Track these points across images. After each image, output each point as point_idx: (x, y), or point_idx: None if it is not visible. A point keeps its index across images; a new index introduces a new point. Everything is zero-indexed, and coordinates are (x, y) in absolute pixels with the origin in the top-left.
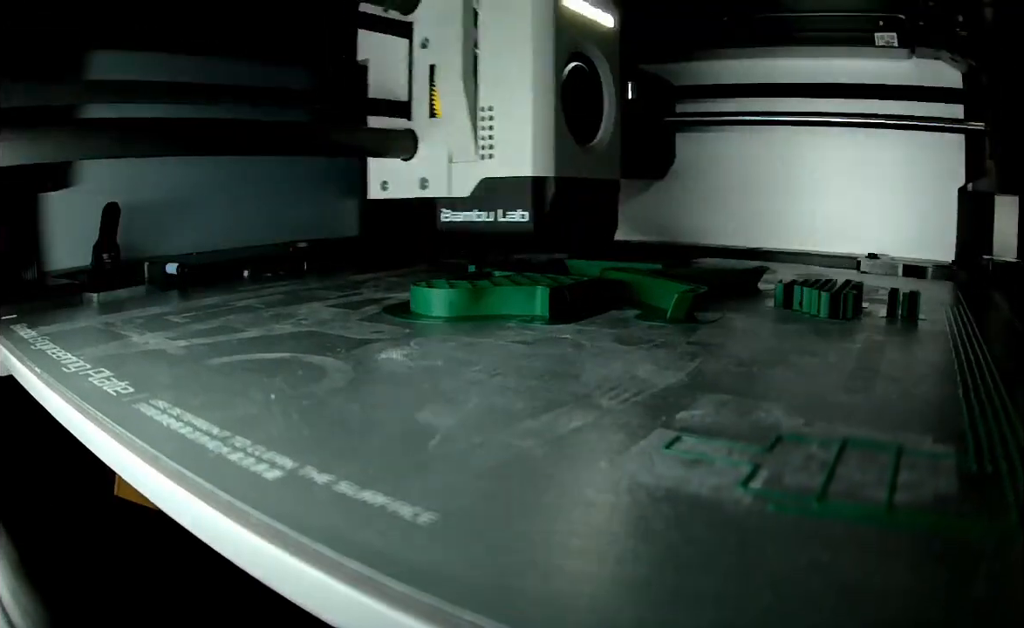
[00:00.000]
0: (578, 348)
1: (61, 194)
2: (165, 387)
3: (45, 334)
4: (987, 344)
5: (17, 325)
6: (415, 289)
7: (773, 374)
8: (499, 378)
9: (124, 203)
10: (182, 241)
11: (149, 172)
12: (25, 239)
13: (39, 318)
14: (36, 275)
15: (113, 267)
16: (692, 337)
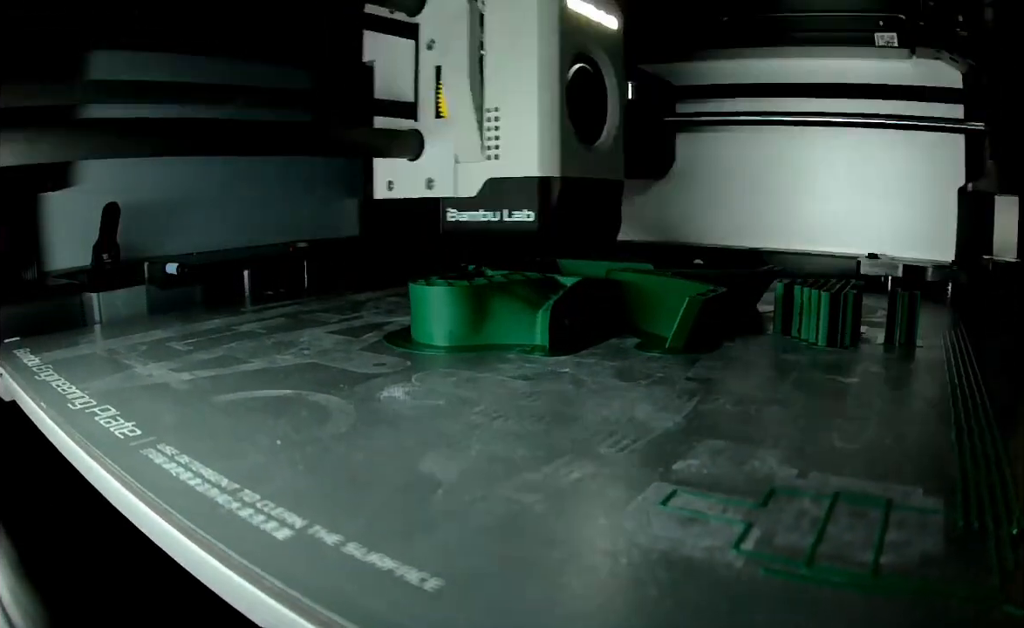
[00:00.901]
0: (578, 385)
1: (61, 194)
2: (171, 429)
3: (48, 361)
4: (984, 376)
5: (20, 349)
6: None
7: (769, 415)
8: (500, 421)
9: (124, 203)
10: (182, 241)
11: (149, 172)
12: (25, 239)
13: (42, 342)
14: (36, 275)
15: (113, 267)
16: (690, 371)
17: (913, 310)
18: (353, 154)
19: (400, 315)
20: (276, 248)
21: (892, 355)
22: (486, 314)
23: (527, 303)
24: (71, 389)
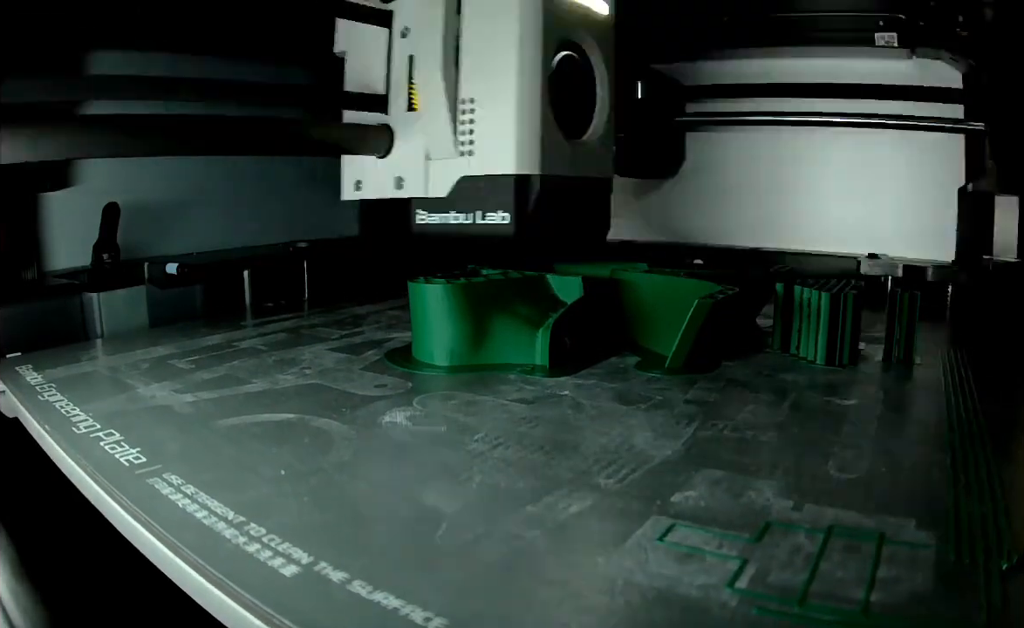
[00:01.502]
0: (577, 409)
1: (61, 194)
2: (176, 457)
3: (51, 380)
4: (981, 396)
5: (22, 366)
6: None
7: (767, 441)
8: (501, 449)
9: (124, 203)
10: (182, 241)
11: (149, 172)
12: (25, 239)
13: (44, 358)
14: (36, 275)
15: (113, 267)
16: (689, 393)
17: (912, 324)
18: (319, 152)
19: (400, 330)
20: (276, 248)
21: (890, 374)
22: (486, 332)
23: (527, 321)
24: (75, 411)
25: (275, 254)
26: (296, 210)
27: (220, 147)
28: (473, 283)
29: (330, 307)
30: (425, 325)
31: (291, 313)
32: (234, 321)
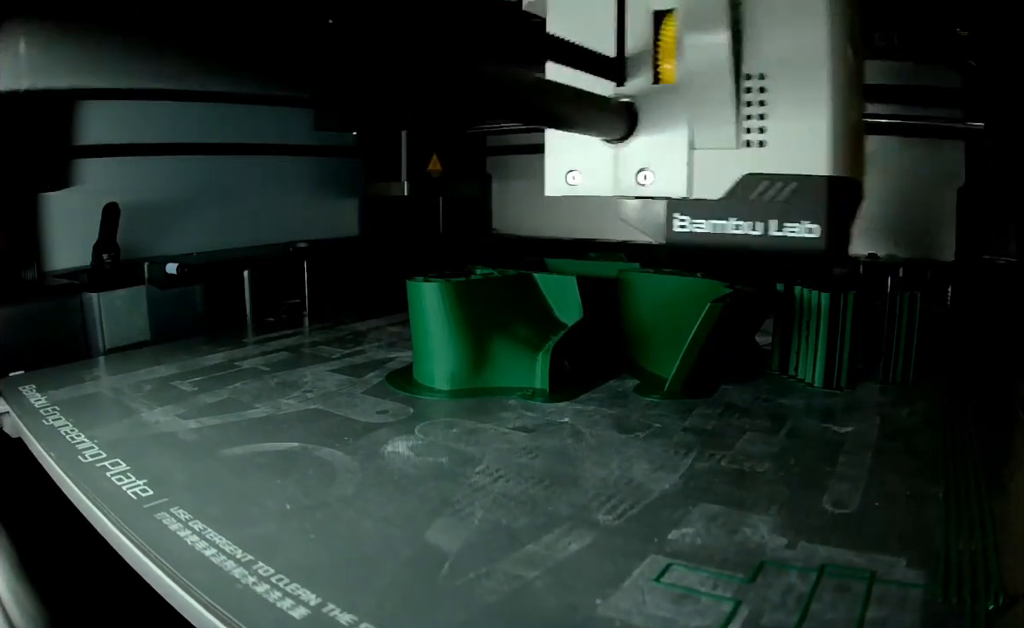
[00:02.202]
0: (577, 438)
1: (61, 194)
2: (183, 489)
3: (55, 402)
4: (977, 419)
5: (25, 386)
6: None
7: (763, 474)
8: (501, 482)
9: (124, 203)
10: (182, 241)
11: (149, 172)
12: (25, 239)
13: (47, 378)
14: (36, 275)
15: (113, 267)
16: (687, 421)
17: (911, 336)
18: (531, 118)
19: (401, 349)
20: (276, 248)
21: (887, 397)
22: (486, 354)
23: (526, 343)
24: (80, 438)
25: (275, 254)
26: (296, 210)
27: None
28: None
29: (331, 322)
30: (424, 328)
31: (292, 328)
32: (235, 336)
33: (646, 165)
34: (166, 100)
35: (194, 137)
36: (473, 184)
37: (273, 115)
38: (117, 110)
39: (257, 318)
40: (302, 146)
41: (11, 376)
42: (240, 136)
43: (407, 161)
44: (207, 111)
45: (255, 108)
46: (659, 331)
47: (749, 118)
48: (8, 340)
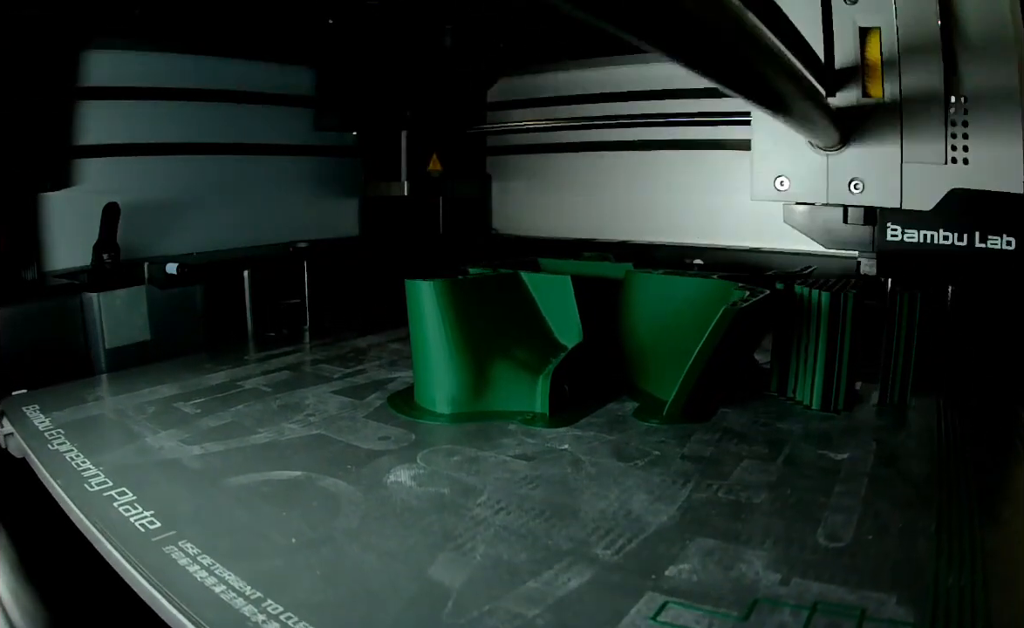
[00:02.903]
0: (576, 467)
1: (61, 194)
2: (190, 521)
3: (59, 424)
4: (972, 444)
5: (29, 407)
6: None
7: (759, 504)
8: (503, 515)
9: (124, 203)
10: (182, 241)
11: (149, 172)
12: (25, 239)
13: (50, 398)
14: (36, 275)
15: (113, 267)
16: (686, 447)
17: (909, 351)
18: (752, 89)
19: (402, 369)
20: (276, 248)
21: (884, 420)
22: (486, 377)
23: (527, 368)
24: (85, 465)
25: (275, 254)
26: (296, 210)
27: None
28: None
29: (332, 338)
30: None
31: (293, 344)
32: (237, 353)
33: (858, 175)
34: (166, 100)
35: (194, 137)
36: (473, 184)
37: (273, 115)
38: (117, 110)
39: (258, 327)
40: (302, 146)
41: (14, 395)
42: (240, 136)
43: (407, 161)
44: (207, 111)
45: (255, 108)
46: (664, 338)
47: (954, 137)
48: (8, 340)
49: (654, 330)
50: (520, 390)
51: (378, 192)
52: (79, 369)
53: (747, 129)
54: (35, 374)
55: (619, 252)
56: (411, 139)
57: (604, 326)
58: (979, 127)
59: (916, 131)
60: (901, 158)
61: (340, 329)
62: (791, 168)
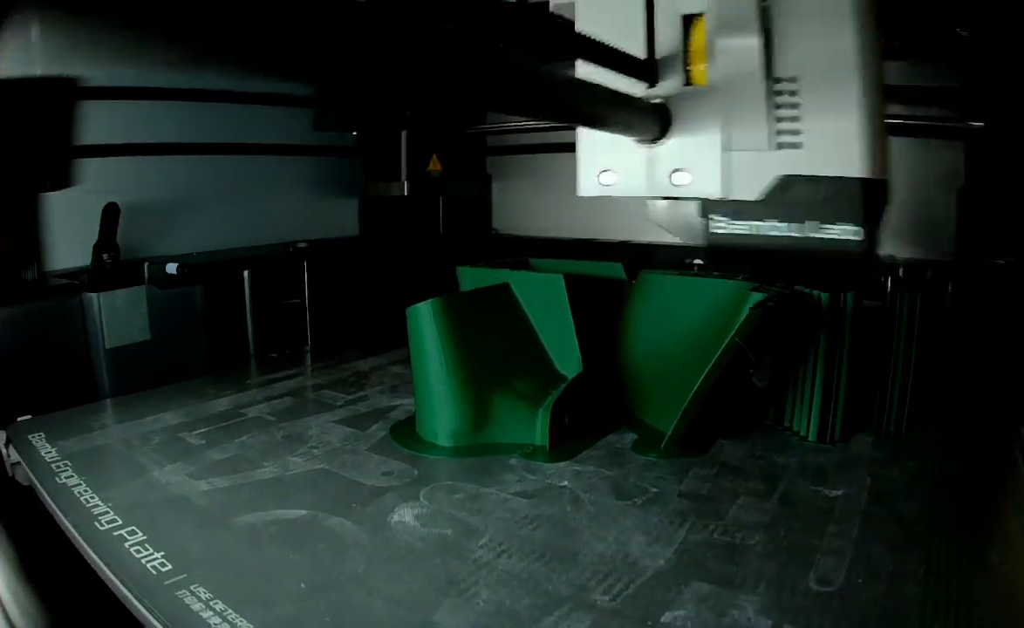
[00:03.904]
0: (576, 506)
1: (61, 194)
2: (201, 563)
3: (66, 455)
4: (965, 484)
5: (34, 435)
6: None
7: (753, 546)
8: (504, 558)
9: (124, 203)
10: (182, 241)
11: (149, 172)
12: (25, 239)
13: (55, 424)
14: (36, 275)
15: (113, 267)
16: (683, 484)
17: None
18: (578, 120)
19: (404, 395)
20: (276, 248)
21: (879, 453)
22: (487, 412)
23: (526, 400)
24: (94, 501)
25: (275, 254)
26: (296, 210)
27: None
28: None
29: (334, 360)
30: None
31: (294, 366)
32: (239, 375)
33: (680, 166)
34: (166, 100)
35: (194, 137)
36: (473, 184)
37: (273, 115)
38: (117, 110)
39: (259, 338)
40: (302, 146)
41: (19, 422)
42: (240, 136)
43: (407, 161)
44: (207, 111)
45: (255, 108)
46: (670, 354)
47: (781, 120)
48: (8, 340)
49: (658, 347)
50: (520, 422)
51: (378, 192)
52: (79, 369)
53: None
54: (35, 375)
55: (619, 252)
56: (411, 139)
57: (602, 339)
58: (812, 107)
59: (739, 116)
60: (724, 146)
61: (341, 347)
62: (615, 162)
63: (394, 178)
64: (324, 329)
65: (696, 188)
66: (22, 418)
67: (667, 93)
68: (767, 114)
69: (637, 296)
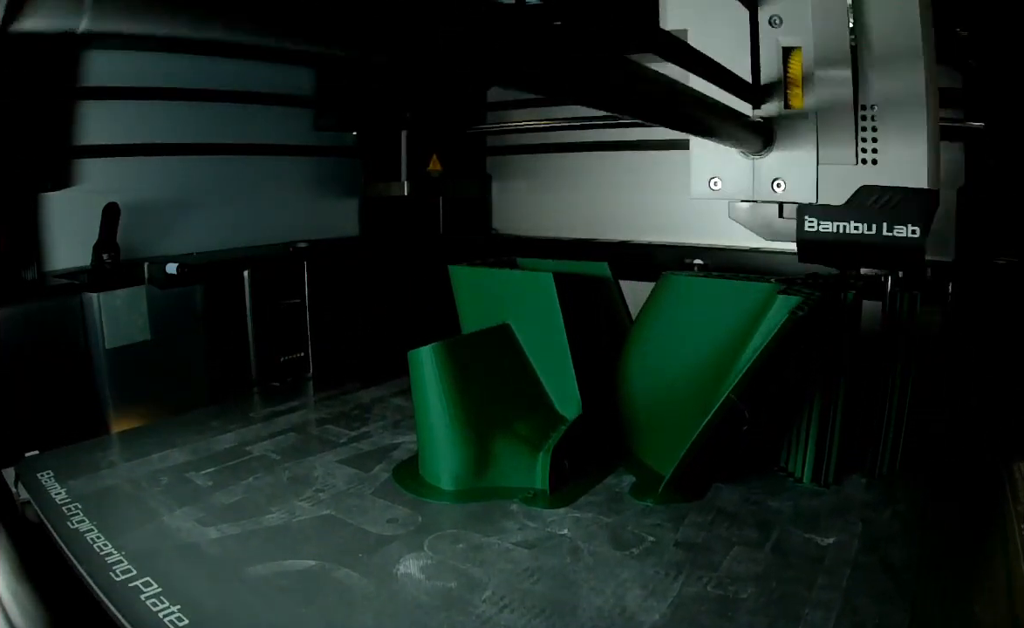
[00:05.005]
0: (575, 557)
1: (61, 194)
2: (216, 618)
3: (76, 497)
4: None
5: (43, 474)
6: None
7: (745, 600)
8: (507, 613)
9: (124, 203)
10: (182, 241)
11: (149, 172)
12: (25, 239)
13: (62, 462)
14: (36, 275)
15: (113, 267)
16: (679, 532)
17: (900, 422)
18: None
19: (405, 431)
20: (276, 248)
21: (871, 496)
22: (488, 455)
23: (527, 443)
24: (107, 548)
25: (275, 254)
26: (296, 210)
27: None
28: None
29: (336, 388)
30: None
31: (297, 397)
32: (242, 407)
33: (779, 175)
34: (166, 100)
35: (194, 137)
36: (473, 184)
37: (273, 115)
38: (117, 110)
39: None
40: (302, 146)
41: (27, 458)
42: (240, 136)
43: (407, 161)
44: (207, 111)
45: (255, 108)
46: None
47: (864, 140)
48: (8, 340)
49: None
50: (521, 466)
51: (378, 192)
52: (79, 369)
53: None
54: (36, 375)
55: (619, 252)
56: (411, 139)
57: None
58: (887, 131)
59: (830, 136)
60: (817, 160)
61: (343, 376)
62: (723, 170)
63: (394, 178)
64: (324, 329)
65: (793, 194)
66: (30, 454)
67: (768, 114)
68: (854, 137)
69: (656, 300)
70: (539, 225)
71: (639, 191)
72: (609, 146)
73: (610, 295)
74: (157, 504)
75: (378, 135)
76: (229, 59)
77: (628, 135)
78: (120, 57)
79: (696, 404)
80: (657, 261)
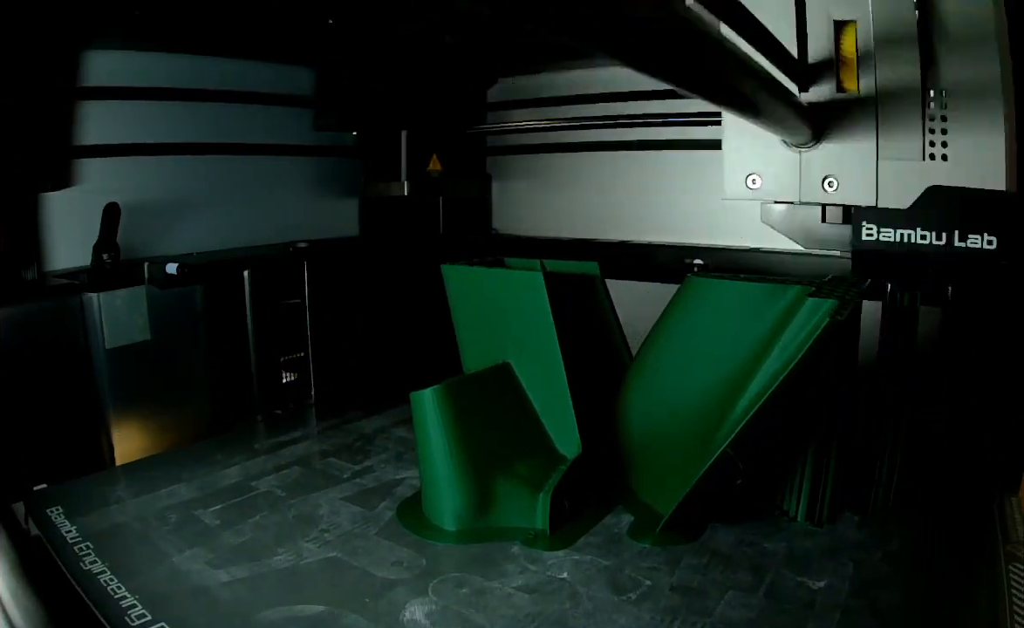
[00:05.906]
0: (575, 602)
1: (61, 194)
2: None
3: (86, 536)
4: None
5: (52, 509)
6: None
7: None
8: None
9: (124, 203)
10: (182, 241)
11: (149, 172)
12: (25, 239)
13: (71, 496)
14: (36, 275)
15: (113, 267)
16: (675, 576)
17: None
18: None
19: (408, 466)
20: (276, 248)
21: (863, 535)
22: (490, 495)
23: (528, 484)
24: (121, 591)
25: (275, 254)
26: (296, 210)
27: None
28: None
29: (338, 416)
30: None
31: (300, 427)
32: (247, 438)
33: (831, 172)
34: (166, 100)
35: (194, 137)
36: (473, 184)
37: (273, 115)
38: (117, 110)
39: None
40: (302, 146)
41: (36, 492)
42: (240, 136)
43: (407, 161)
44: (207, 111)
45: (255, 108)
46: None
47: (932, 132)
48: (8, 340)
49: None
50: (522, 506)
51: (378, 192)
52: (79, 369)
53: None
54: (36, 375)
55: (619, 252)
56: (411, 139)
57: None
58: (959, 122)
59: (892, 126)
60: (876, 154)
61: (344, 403)
62: (763, 166)
63: (394, 178)
64: (324, 329)
65: (849, 195)
66: (38, 487)
67: (819, 98)
68: (921, 127)
69: (677, 306)
70: (539, 225)
71: (639, 191)
72: (609, 146)
73: (598, 294)
74: (167, 545)
75: (378, 135)
76: (229, 59)
77: (628, 135)
78: (120, 57)
79: (697, 439)
80: (657, 261)
